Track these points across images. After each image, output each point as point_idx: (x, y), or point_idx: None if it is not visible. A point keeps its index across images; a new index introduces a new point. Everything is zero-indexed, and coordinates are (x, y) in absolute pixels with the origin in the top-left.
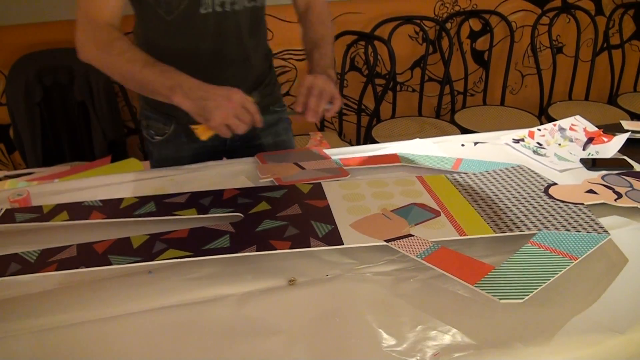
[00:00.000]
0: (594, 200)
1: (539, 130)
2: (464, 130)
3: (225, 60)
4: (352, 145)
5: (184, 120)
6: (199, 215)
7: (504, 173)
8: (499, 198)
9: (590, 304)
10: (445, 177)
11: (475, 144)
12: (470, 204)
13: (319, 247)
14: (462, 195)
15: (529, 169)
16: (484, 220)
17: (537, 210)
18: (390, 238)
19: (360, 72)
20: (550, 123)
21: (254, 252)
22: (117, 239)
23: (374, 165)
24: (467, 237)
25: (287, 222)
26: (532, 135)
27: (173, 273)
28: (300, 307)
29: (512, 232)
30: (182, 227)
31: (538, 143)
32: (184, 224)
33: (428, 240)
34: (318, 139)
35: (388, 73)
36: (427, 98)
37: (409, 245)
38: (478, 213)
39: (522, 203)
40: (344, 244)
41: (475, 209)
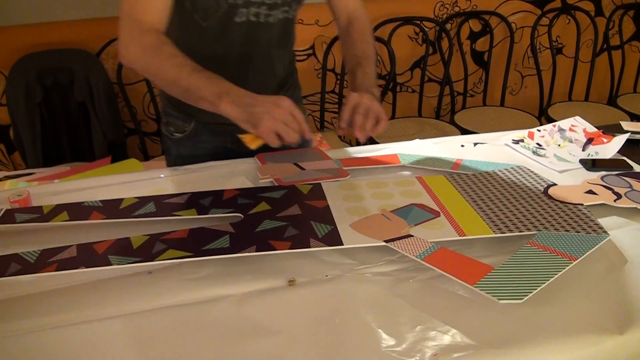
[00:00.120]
0: (594, 201)
1: (539, 131)
2: (464, 131)
3: (251, 68)
4: (352, 146)
5: (204, 119)
6: (199, 216)
7: (504, 174)
8: (499, 199)
9: (590, 305)
10: (445, 177)
11: (475, 145)
12: (470, 205)
13: (319, 247)
14: (461, 196)
15: (529, 170)
16: (484, 221)
17: (536, 211)
18: (390, 238)
19: None
20: (550, 124)
21: (254, 252)
22: (117, 239)
23: (374, 166)
24: (466, 237)
25: (287, 222)
26: (531, 136)
27: (173, 273)
28: (300, 307)
29: (511, 232)
30: (182, 227)
31: (537, 144)
32: (184, 225)
33: (427, 241)
34: (318, 140)
35: (388, 74)
36: (427, 99)
37: (409, 246)
38: (477, 213)
39: (521, 204)
40: (344, 245)
41: (475, 210)
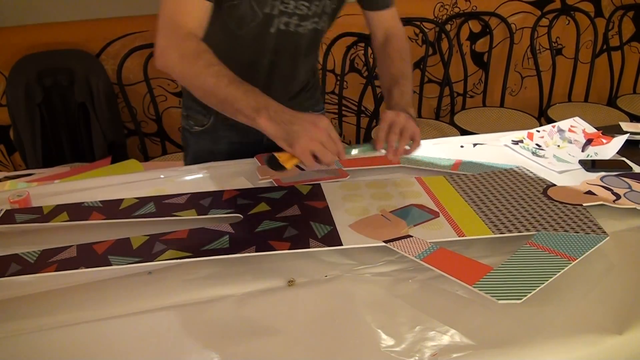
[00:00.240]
0: (593, 202)
1: (538, 132)
2: (464, 132)
3: (277, 73)
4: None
5: (223, 115)
6: (199, 216)
7: (503, 174)
8: (498, 199)
9: (589, 305)
10: (445, 178)
11: (474, 146)
12: (469, 205)
13: (318, 247)
14: (461, 197)
15: (528, 170)
16: (483, 221)
17: (535, 212)
18: (389, 239)
19: (360, 73)
20: (549, 125)
21: (254, 252)
22: (116, 240)
23: (373, 167)
24: (465, 238)
25: (286, 222)
26: (531, 137)
27: (172, 273)
28: (299, 307)
29: (510, 233)
30: (181, 227)
31: (537, 144)
32: (184, 225)
33: (427, 241)
34: None
35: None
36: (426, 99)
37: (408, 246)
38: (477, 214)
39: (520, 204)
40: (343, 245)
41: (474, 210)
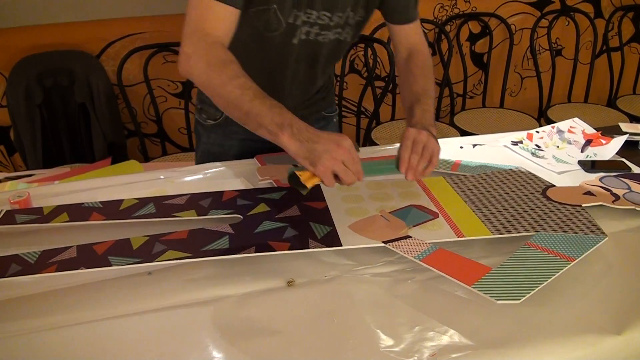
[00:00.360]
0: (592, 202)
1: (538, 133)
2: (463, 133)
3: (295, 81)
4: None
5: None
6: (199, 217)
7: (502, 175)
8: (497, 200)
9: (588, 305)
10: (444, 178)
11: (474, 146)
12: (468, 206)
13: (318, 248)
14: (460, 197)
15: (527, 171)
16: (482, 222)
17: (534, 212)
18: (389, 239)
19: (360, 74)
20: (549, 125)
21: (253, 253)
22: (117, 240)
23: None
24: (464, 238)
25: (286, 223)
26: (530, 138)
27: (172, 274)
28: (299, 308)
29: (509, 233)
30: (181, 228)
31: (536, 145)
32: (184, 225)
33: (426, 242)
34: None
35: (387, 75)
36: None
37: (407, 247)
38: (476, 215)
39: (519, 205)
40: (343, 245)
41: (473, 211)
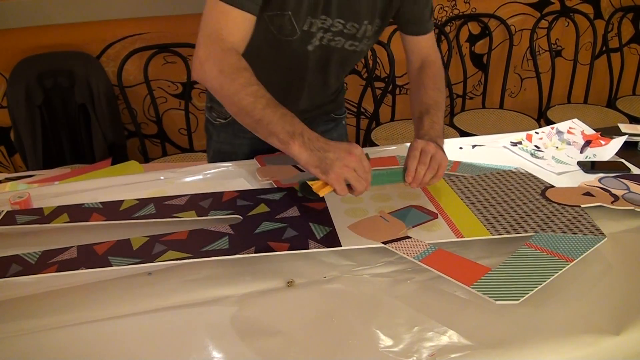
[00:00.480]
0: (591, 203)
1: (537, 134)
2: (463, 133)
3: (307, 85)
4: None
5: None
6: (199, 217)
7: (502, 175)
8: (496, 200)
9: (586, 306)
10: (443, 179)
11: (473, 147)
12: (468, 206)
13: (317, 249)
14: (459, 198)
15: (526, 172)
16: (481, 223)
17: (533, 213)
18: (388, 240)
19: (360, 75)
20: (548, 126)
21: (253, 253)
22: (117, 241)
23: (372, 168)
24: (464, 239)
25: (285, 224)
26: (529, 139)
27: (173, 274)
28: (298, 308)
29: (508, 234)
30: (181, 229)
31: (536, 146)
32: (184, 226)
33: (425, 242)
34: None
35: (387, 76)
36: None
37: (406, 247)
38: (475, 215)
39: (519, 205)
40: (342, 246)
41: (472, 211)
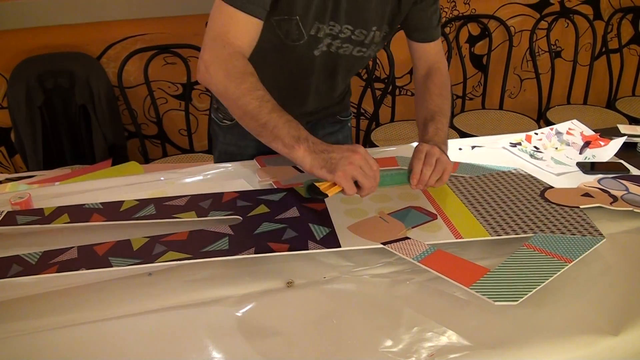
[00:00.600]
0: (590, 204)
1: (536, 135)
2: (463, 134)
3: (313, 89)
4: None
5: None
6: (199, 218)
7: (501, 176)
8: (495, 201)
9: (585, 306)
10: None
11: (473, 148)
12: (467, 207)
13: (317, 249)
14: (458, 199)
15: (526, 172)
16: (480, 223)
17: (532, 214)
18: (387, 241)
19: (360, 76)
20: (547, 127)
21: (253, 254)
22: (117, 241)
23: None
24: (463, 240)
25: (285, 224)
26: (529, 139)
27: (172, 275)
28: (298, 308)
29: (507, 235)
30: (181, 229)
31: (535, 147)
32: (184, 227)
33: (424, 243)
34: None
35: (387, 77)
36: None
37: (406, 248)
38: (474, 216)
39: (518, 206)
40: (342, 247)
41: (472, 212)
